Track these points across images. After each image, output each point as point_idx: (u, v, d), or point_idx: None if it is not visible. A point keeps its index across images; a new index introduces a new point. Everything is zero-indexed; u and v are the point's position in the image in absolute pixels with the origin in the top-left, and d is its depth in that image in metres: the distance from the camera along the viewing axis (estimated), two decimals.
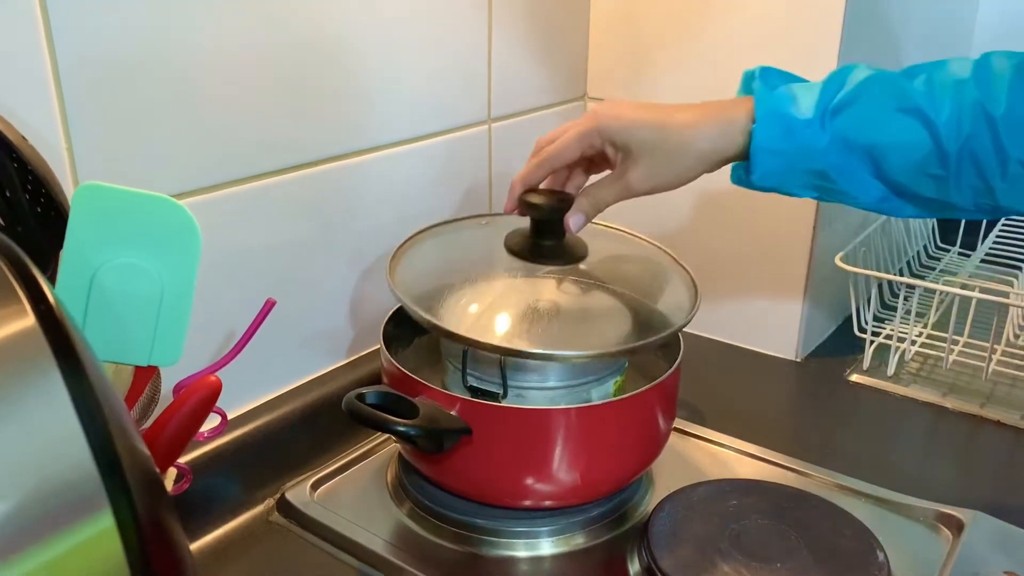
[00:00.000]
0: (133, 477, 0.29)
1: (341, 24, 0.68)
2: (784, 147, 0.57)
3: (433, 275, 0.65)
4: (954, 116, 0.54)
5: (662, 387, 0.62)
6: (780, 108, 0.57)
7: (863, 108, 0.56)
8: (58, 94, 0.51)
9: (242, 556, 0.61)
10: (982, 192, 0.55)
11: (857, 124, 0.56)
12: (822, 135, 0.56)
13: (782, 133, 0.57)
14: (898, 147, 0.55)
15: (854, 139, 0.56)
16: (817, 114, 0.56)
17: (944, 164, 0.55)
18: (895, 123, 0.55)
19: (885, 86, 0.56)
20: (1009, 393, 0.83)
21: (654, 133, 0.59)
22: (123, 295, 0.43)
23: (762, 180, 0.59)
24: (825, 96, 0.57)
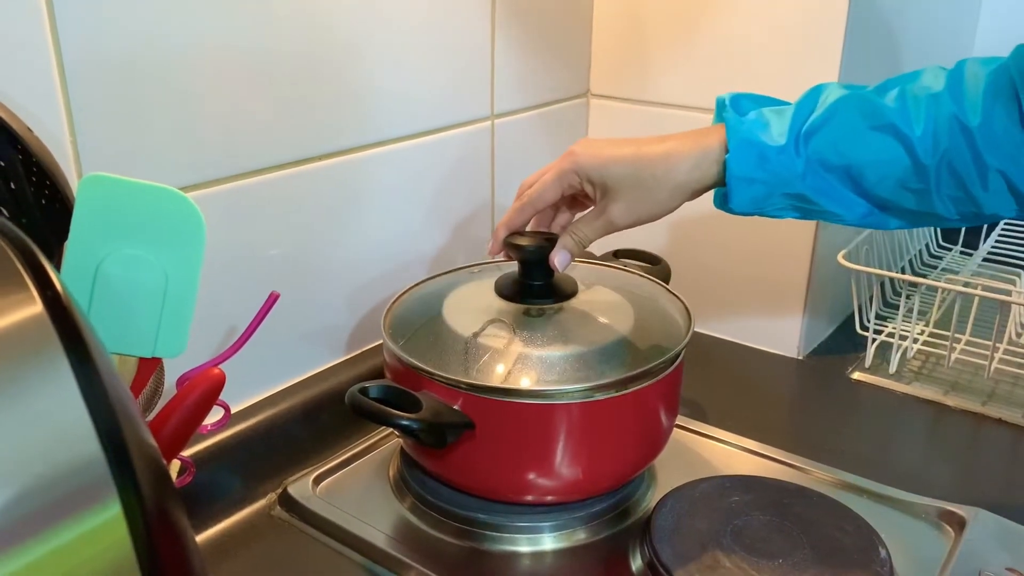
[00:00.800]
0: (140, 465, 0.28)
1: (345, 20, 0.68)
2: (760, 175, 0.57)
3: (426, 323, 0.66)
4: (929, 130, 0.54)
5: (664, 383, 0.62)
6: (752, 136, 0.57)
7: (836, 129, 0.56)
8: (63, 86, 0.51)
9: (244, 550, 0.61)
10: (964, 202, 0.55)
11: (832, 145, 0.56)
12: (797, 160, 0.57)
13: (756, 161, 0.57)
14: (875, 164, 0.55)
15: (830, 160, 0.56)
16: (791, 139, 0.56)
17: (923, 178, 0.55)
18: (870, 141, 0.55)
19: (857, 104, 0.56)
20: (1011, 391, 0.83)
21: (629, 169, 0.60)
22: (127, 286, 0.43)
23: (740, 207, 0.59)
24: (797, 120, 0.57)
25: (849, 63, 0.80)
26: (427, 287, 0.71)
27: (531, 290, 0.65)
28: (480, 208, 0.88)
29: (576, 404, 0.59)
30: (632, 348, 0.63)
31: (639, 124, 0.94)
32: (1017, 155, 0.52)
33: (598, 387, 0.59)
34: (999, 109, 0.52)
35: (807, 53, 0.80)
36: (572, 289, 0.67)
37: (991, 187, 0.54)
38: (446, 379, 0.59)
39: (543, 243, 0.64)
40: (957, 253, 1.16)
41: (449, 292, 0.68)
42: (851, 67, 0.80)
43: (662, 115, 0.91)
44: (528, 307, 0.65)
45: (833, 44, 0.79)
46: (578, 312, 0.66)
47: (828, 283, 0.90)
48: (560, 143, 0.96)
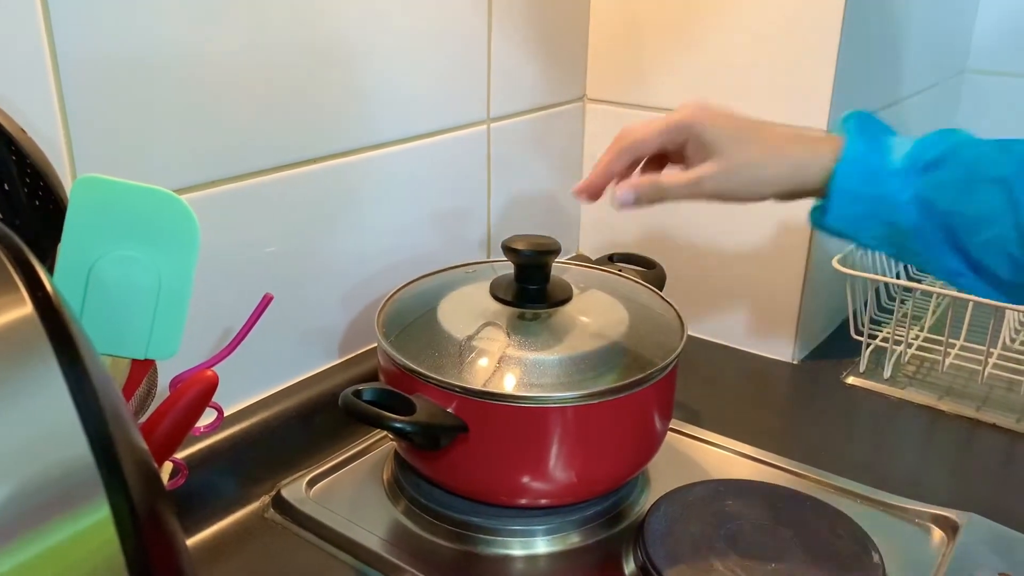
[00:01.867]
0: (129, 467, 0.28)
1: (341, 22, 0.68)
2: (864, 192, 0.55)
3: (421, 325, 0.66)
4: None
5: (658, 387, 0.62)
6: (867, 153, 0.55)
7: (951, 170, 0.53)
8: (57, 87, 0.51)
9: (237, 553, 0.61)
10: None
11: (940, 186, 0.53)
12: (905, 188, 0.54)
13: (865, 177, 0.55)
14: (977, 218, 0.52)
15: (936, 203, 0.53)
16: (904, 166, 0.54)
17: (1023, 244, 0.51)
18: (979, 193, 0.52)
19: (979, 152, 0.54)
20: (1005, 396, 0.84)
21: (744, 139, 0.57)
22: (121, 288, 0.43)
23: (836, 222, 0.57)
24: (917, 151, 0.55)
25: (845, 65, 0.80)
26: (420, 286, 0.71)
27: (526, 294, 0.65)
28: (476, 211, 0.88)
29: (570, 408, 0.59)
30: (626, 353, 0.63)
31: None
32: None
33: (592, 391, 0.59)
34: None
35: (803, 57, 0.80)
36: (567, 294, 0.67)
37: None
38: (440, 382, 0.59)
39: (539, 249, 0.64)
40: None
41: (444, 294, 0.68)
42: (847, 70, 0.80)
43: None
44: (523, 311, 0.65)
45: (829, 47, 0.79)
46: (573, 316, 0.66)
47: (823, 288, 0.90)
48: (556, 147, 0.96)
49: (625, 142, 0.60)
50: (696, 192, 0.58)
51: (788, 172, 0.57)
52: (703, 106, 0.59)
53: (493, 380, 0.59)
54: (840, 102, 0.80)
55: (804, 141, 0.58)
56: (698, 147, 0.58)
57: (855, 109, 0.59)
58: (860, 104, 0.86)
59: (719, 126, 0.57)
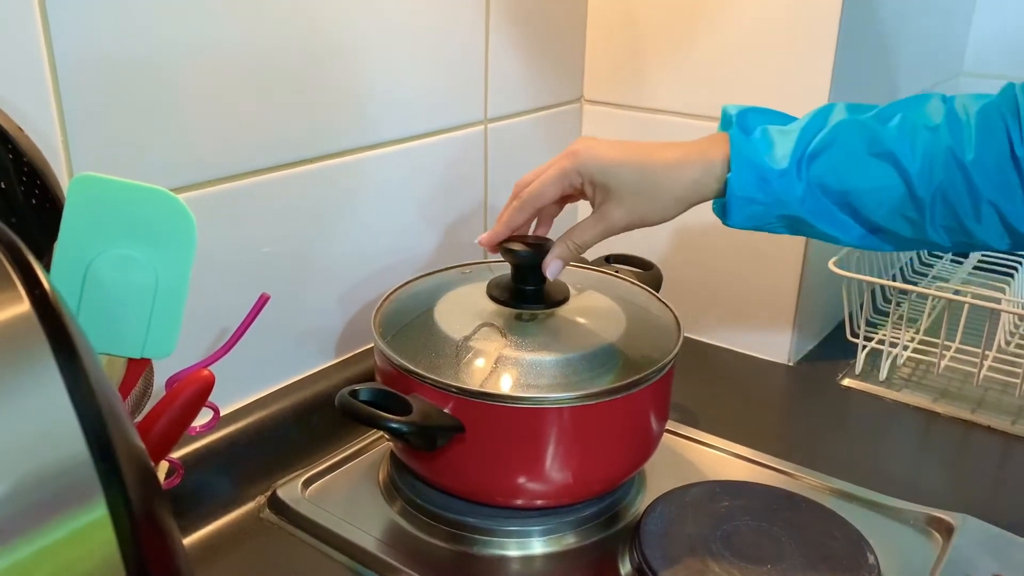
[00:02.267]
0: (126, 465, 0.28)
1: (339, 23, 0.68)
2: (759, 196, 0.58)
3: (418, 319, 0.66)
4: (926, 163, 0.55)
5: (654, 388, 0.62)
6: (755, 157, 0.58)
7: (837, 154, 0.57)
8: (54, 86, 0.51)
9: (233, 553, 0.61)
10: (957, 232, 0.57)
11: (832, 170, 0.57)
12: (797, 184, 0.58)
13: (757, 183, 0.58)
14: (873, 191, 0.57)
15: (830, 185, 0.57)
16: (793, 162, 0.57)
17: (919, 208, 0.56)
18: (869, 168, 0.56)
19: (859, 131, 0.57)
20: (1000, 399, 0.84)
21: (634, 173, 0.60)
22: (117, 286, 0.42)
23: (737, 223, 0.60)
24: (801, 142, 0.58)
25: (841, 69, 0.80)
26: (417, 287, 0.71)
27: (523, 295, 0.65)
28: (473, 212, 0.88)
29: (566, 409, 0.59)
30: (623, 354, 0.63)
31: (632, 130, 0.94)
32: (1008, 190, 0.54)
33: (588, 392, 0.59)
34: (990, 144, 0.54)
35: (799, 60, 0.81)
36: (564, 295, 0.67)
37: (984, 219, 0.55)
38: (436, 382, 0.59)
39: (536, 250, 0.64)
40: (948, 261, 1.17)
41: (441, 294, 0.68)
42: (843, 73, 0.81)
43: (655, 121, 0.91)
44: (520, 311, 0.65)
45: (825, 50, 0.79)
46: (570, 317, 0.66)
47: (819, 290, 0.90)
48: (553, 148, 0.96)
49: (523, 197, 0.63)
50: (608, 233, 0.62)
51: (687, 192, 0.60)
52: (589, 146, 0.62)
53: (489, 381, 0.59)
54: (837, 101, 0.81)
55: (695, 154, 0.60)
56: (595, 187, 0.61)
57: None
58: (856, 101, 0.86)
59: (608, 166, 0.60)
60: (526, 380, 0.59)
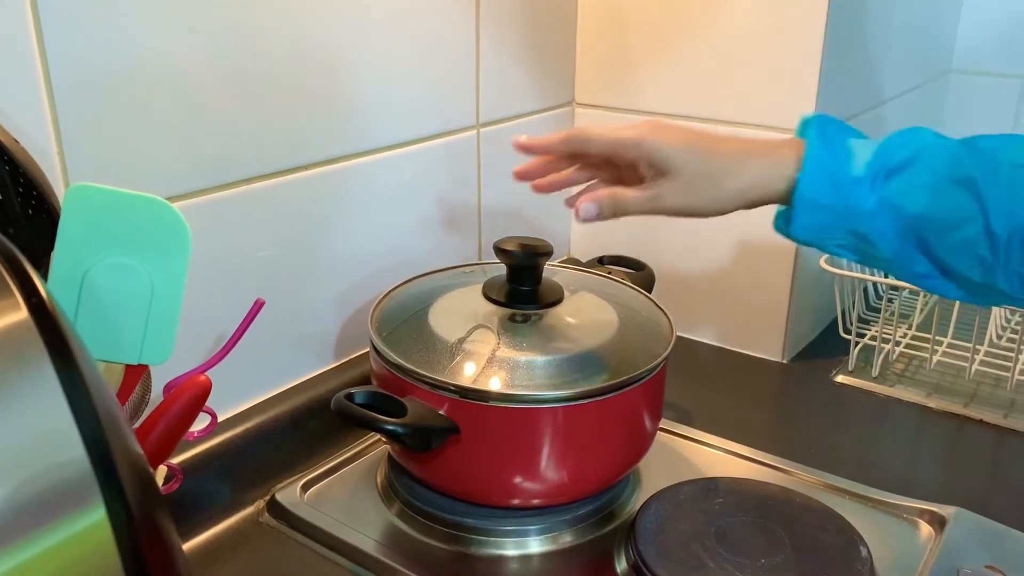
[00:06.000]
0: (125, 469, 0.29)
1: (331, 30, 0.69)
2: (828, 202, 0.54)
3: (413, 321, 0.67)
4: (1006, 196, 0.50)
5: (648, 386, 0.63)
6: (830, 161, 0.54)
7: (918, 174, 0.53)
8: (49, 97, 0.52)
9: (232, 557, 0.61)
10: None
11: (907, 191, 0.53)
12: (870, 196, 0.53)
13: (828, 187, 0.54)
14: (945, 221, 0.52)
15: (903, 207, 0.53)
16: (868, 173, 0.53)
17: (993, 247, 0.51)
18: (948, 194, 0.52)
19: (944, 154, 0.53)
20: (992, 393, 0.85)
21: (698, 158, 0.57)
22: (114, 294, 0.43)
23: (801, 232, 0.56)
24: (881, 156, 0.54)
25: (829, 68, 0.81)
26: (412, 288, 0.72)
27: (518, 295, 0.66)
28: (466, 217, 0.88)
29: (560, 408, 0.59)
30: (616, 353, 0.64)
31: None
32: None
33: (582, 392, 0.59)
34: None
35: (787, 60, 0.81)
36: (558, 295, 0.67)
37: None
38: (431, 383, 0.59)
39: (531, 251, 0.65)
40: None
41: (436, 296, 0.69)
42: (830, 73, 0.81)
43: None
44: (514, 312, 0.66)
45: (812, 51, 0.80)
46: (563, 318, 0.67)
47: (811, 287, 0.91)
48: None
49: (574, 131, 0.60)
50: (656, 207, 0.58)
51: (748, 185, 0.56)
52: (657, 125, 0.58)
53: (483, 382, 0.59)
54: (825, 103, 0.81)
55: (763, 152, 0.56)
56: (652, 166, 0.58)
57: (839, 109, 0.59)
58: (846, 105, 0.87)
59: (672, 144, 0.57)
60: (520, 381, 0.60)
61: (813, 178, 0.54)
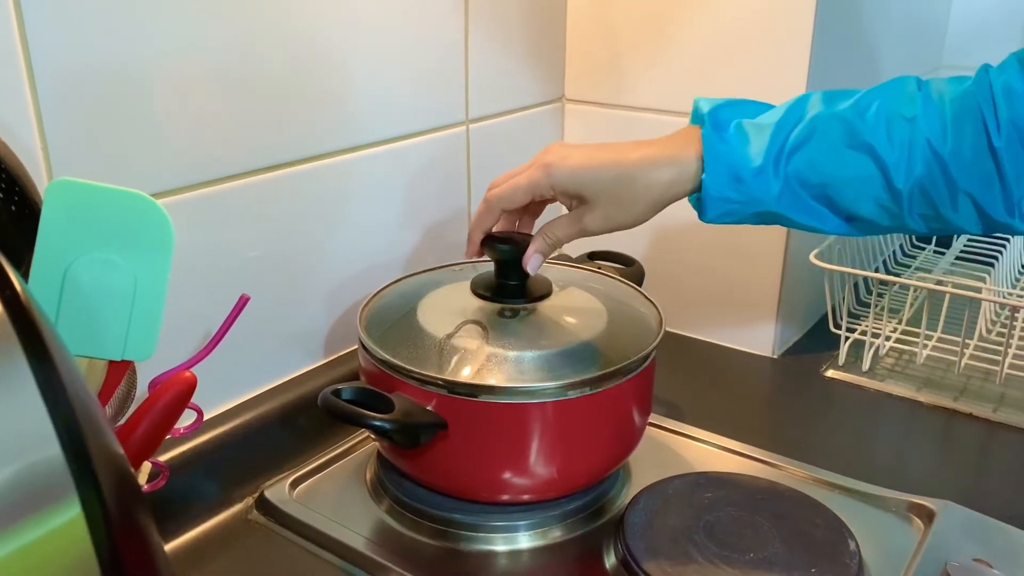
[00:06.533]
0: (101, 464, 0.29)
1: (318, 26, 0.68)
2: (734, 195, 0.58)
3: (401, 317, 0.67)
4: (904, 154, 0.55)
5: (636, 381, 0.63)
6: (729, 156, 0.57)
7: (816, 148, 0.57)
8: (32, 92, 0.52)
9: (221, 554, 0.61)
10: (933, 219, 0.57)
11: (810, 164, 0.57)
12: (774, 182, 0.57)
13: (732, 182, 0.58)
14: (851, 183, 0.57)
15: (808, 178, 0.57)
16: (769, 159, 0.57)
17: (896, 199, 0.56)
18: (848, 160, 0.56)
19: (837, 123, 0.57)
20: (982, 386, 0.85)
21: (607, 181, 0.60)
22: (96, 290, 0.43)
23: (712, 220, 0.60)
24: (777, 137, 0.57)
25: (817, 64, 0.81)
26: (402, 287, 0.71)
27: (506, 290, 0.66)
28: (456, 212, 0.88)
29: (548, 403, 0.59)
30: (605, 347, 0.64)
31: (614, 128, 0.95)
32: (985, 180, 0.54)
33: (570, 385, 0.59)
34: (967, 135, 0.54)
35: (777, 55, 0.81)
36: (547, 290, 0.67)
37: (960, 209, 0.55)
38: (419, 376, 0.59)
39: (519, 244, 0.65)
40: (931, 252, 1.18)
41: (424, 293, 0.69)
42: (819, 69, 0.81)
43: (637, 119, 0.92)
44: (502, 307, 0.66)
45: (801, 46, 0.80)
46: (552, 313, 0.66)
47: (801, 282, 0.91)
48: (535, 147, 0.96)
49: (490, 199, 0.64)
50: (583, 232, 0.62)
51: (660, 193, 0.60)
52: (563, 156, 0.61)
53: (471, 377, 0.59)
54: None
55: (667, 154, 0.60)
56: (568, 195, 0.62)
57: None
58: None
59: (581, 175, 0.60)
60: (507, 375, 0.60)
61: (716, 177, 0.58)
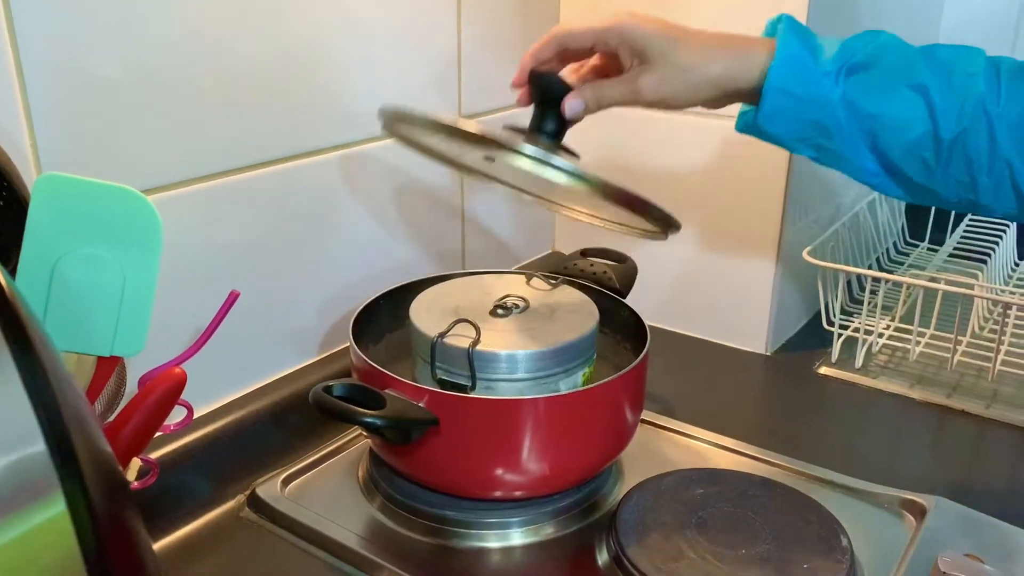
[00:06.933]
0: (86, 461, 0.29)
1: (311, 22, 0.68)
2: (797, 91, 0.57)
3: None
4: (956, 104, 0.54)
5: (629, 377, 0.62)
6: (801, 52, 0.57)
7: (875, 76, 0.56)
8: (21, 87, 0.51)
9: (213, 552, 0.61)
10: (966, 186, 0.56)
11: (865, 89, 0.56)
12: (835, 88, 0.56)
13: (798, 76, 0.57)
14: (897, 121, 0.56)
15: (860, 105, 0.56)
16: (835, 67, 0.56)
17: (937, 150, 0.55)
18: (901, 97, 0.56)
19: (902, 57, 0.56)
20: (975, 383, 0.85)
21: (673, 44, 0.58)
22: (85, 285, 0.43)
23: (767, 122, 0.58)
24: (846, 52, 0.57)
25: None
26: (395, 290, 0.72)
27: (544, 124, 0.61)
28: (450, 211, 0.88)
29: (540, 400, 0.59)
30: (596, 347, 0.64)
31: (608, 126, 0.94)
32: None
33: (562, 382, 0.59)
34: (1018, 99, 0.54)
35: None
36: (575, 153, 0.62)
37: (995, 175, 0.55)
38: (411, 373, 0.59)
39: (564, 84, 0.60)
40: (924, 249, 1.18)
41: (417, 291, 0.69)
42: None
43: (630, 117, 0.92)
44: (494, 307, 0.66)
45: None
46: (543, 312, 0.66)
47: (795, 280, 0.91)
48: None
49: (556, 31, 0.61)
50: (634, 96, 0.60)
51: (722, 72, 0.58)
52: (635, 13, 0.60)
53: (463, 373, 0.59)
54: None
55: (737, 42, 0.59)
56: (633, 53, 0.59)
57: None
58: None
59: (650, 31, 0.59)
60: (500, 373, 0.59)
61: (785, 67, 0.57)
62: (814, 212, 0.93)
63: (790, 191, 0.85)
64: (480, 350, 0.61)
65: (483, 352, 0.61)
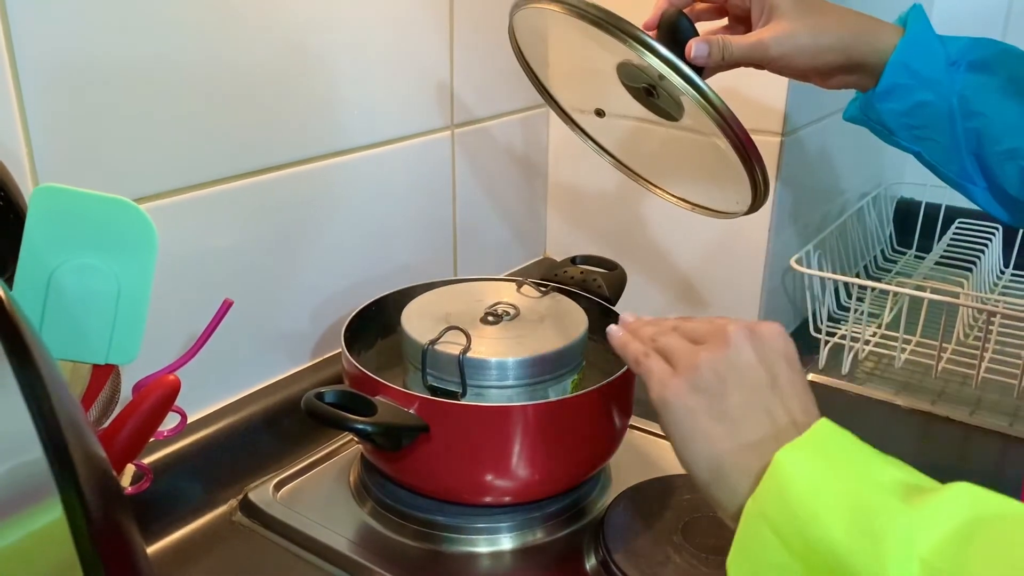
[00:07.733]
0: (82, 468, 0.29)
1: (305, 31, 0.69)
2: (919, 68, 0.57)
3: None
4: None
5: (617, 384, 0.63)
6: (931, 37, 0.57)
7: (992, 75, 0.57)
8: (18, 97, 0.52)
9: (205, 556, 0.61)
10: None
11: (980, 88, 0.57)
12: (955, 77, 0.57)
13: (924, 56, 0.57)
14: (1002, 126, 0.56)
15: (971, 101, 0.57)
16: (960, 58, 0.57)
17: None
18: (1011, 102, 0.56)
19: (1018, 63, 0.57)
20: (959, 390, 0.86)
21: (807, 4, 0.59)
22: (81, 295, 0.43)
23: (882, 98, 0.58)
24: (967, 48, 0.58)
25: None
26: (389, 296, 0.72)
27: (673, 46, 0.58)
28: (442, 216, 0.89)
29: (530, 406, 0.60)
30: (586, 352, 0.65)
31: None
32: None
33: (551, 389, 0.60)
34: None
35: None
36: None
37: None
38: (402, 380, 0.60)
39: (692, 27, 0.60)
40: (912, 257, 1.19)
41: (409, 299, 0.70)
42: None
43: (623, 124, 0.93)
44: (485, 314, 0.67)
45: None
46: (533, 319, 0.67)
47: (782, 287, 0.92)
48: (521, 152, 0.97)
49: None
50: (759, 53, 0.59)
51: (848, 41, 0.58)
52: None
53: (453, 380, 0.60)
54: (796, 99, 0.82)
55: (868, 18, 0.59)
56: (763, 8, 0.59)
57: (811, 106, 0.61)
58: (818, 101, 0.88)
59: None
60: (490, 380, 0.60)
61: (914, 43, 0.57)
62: (802, 220, 0.94)
63: (778, 199, 0.86)
64: (470, 357, 0.62)
65: (473, 359, 0.62)
